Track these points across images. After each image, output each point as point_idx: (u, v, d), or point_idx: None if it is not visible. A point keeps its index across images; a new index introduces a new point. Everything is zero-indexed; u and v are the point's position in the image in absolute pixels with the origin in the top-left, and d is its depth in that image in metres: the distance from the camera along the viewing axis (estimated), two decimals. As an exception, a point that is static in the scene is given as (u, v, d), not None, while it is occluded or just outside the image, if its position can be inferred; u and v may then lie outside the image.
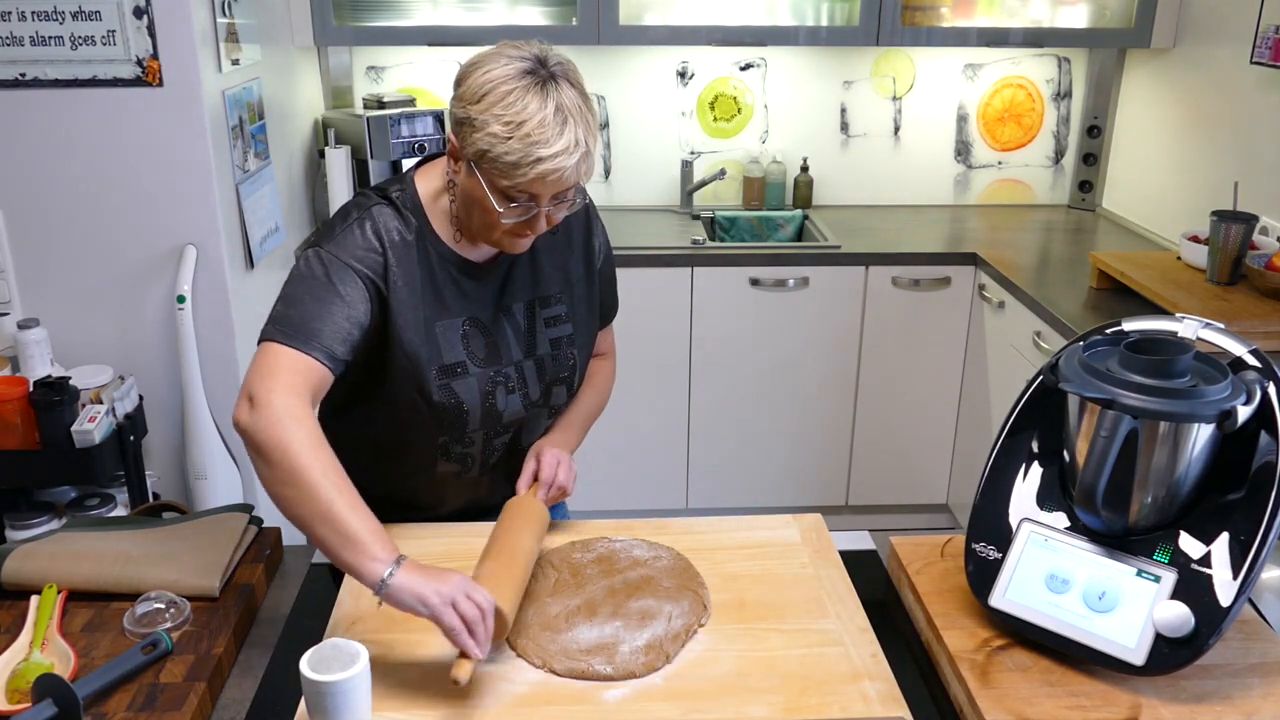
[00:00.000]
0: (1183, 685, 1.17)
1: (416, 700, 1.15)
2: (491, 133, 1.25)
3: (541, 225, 1.33)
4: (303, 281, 1.33)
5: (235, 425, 1.24)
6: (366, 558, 1.15)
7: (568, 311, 1.51)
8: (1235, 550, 1.16)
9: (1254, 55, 2.68)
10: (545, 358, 1.50)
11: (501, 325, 1.46)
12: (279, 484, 1.21)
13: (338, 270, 1.33)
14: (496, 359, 1.46)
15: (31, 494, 2.23)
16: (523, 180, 1.26)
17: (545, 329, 1.50)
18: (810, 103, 3.43)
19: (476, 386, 1.44)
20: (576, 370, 1.54)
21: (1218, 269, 2.42)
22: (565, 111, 1.25)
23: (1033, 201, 3.59)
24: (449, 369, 1.42)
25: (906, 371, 3.13)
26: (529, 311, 1.48)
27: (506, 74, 1.26)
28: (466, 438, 1.47)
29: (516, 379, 1.47)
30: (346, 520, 1.17)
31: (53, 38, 2.19)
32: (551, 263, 1.51)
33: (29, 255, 2.34)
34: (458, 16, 3.11)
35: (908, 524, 3.34)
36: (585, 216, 1.55)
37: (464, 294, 1.43)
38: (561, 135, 1.24)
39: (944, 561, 1.40)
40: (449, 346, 1.42)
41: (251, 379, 1.26)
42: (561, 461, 1.48)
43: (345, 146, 2.97)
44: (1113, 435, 1.15)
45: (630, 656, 1.21)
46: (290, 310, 1.31)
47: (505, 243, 1.37)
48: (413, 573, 1.15)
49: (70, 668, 1.19)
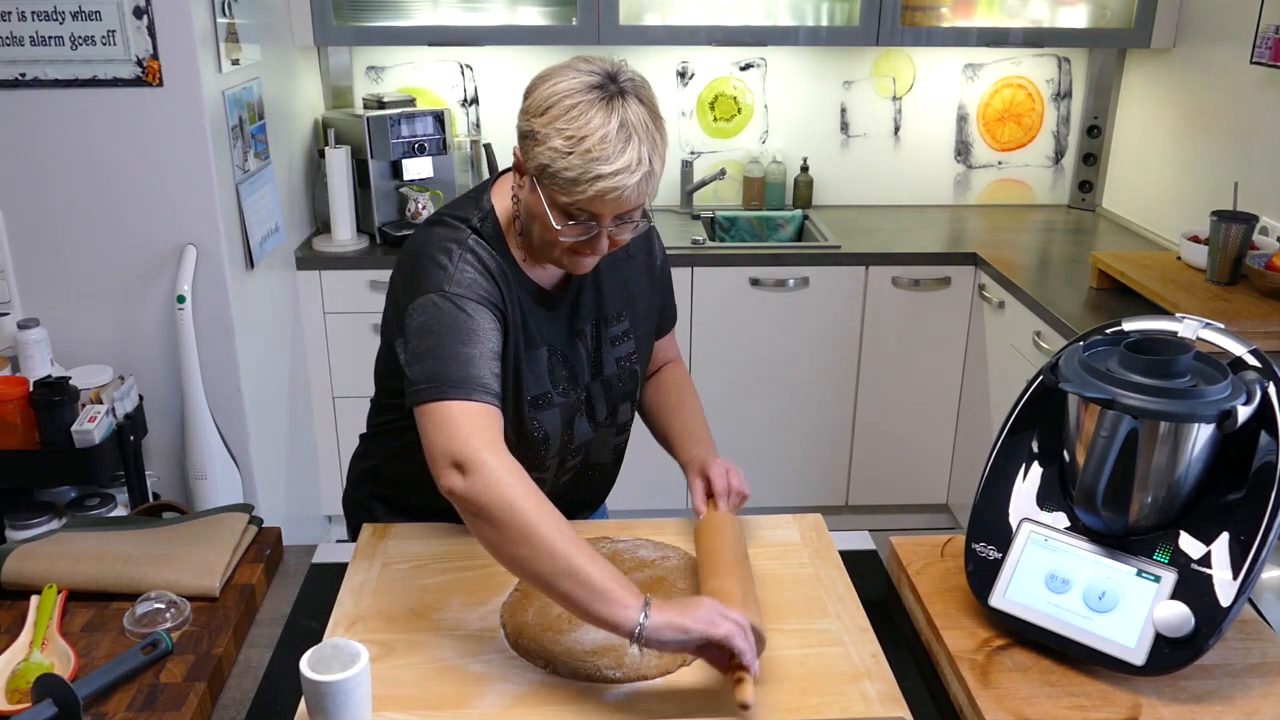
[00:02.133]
0: (1183, 685, 1.17)
1: (416, 700, 1.15)
2: (553, 147, 1.21)
3: (603, 246, 1.29)
4: (441, 330, 1.27)
5: (450, 494, 1.20)
6: (619, 607, 1.11)
7: (630, 329, 1.49)
8: (1235, 550, 1.16)
9: (1254, 55, 2.68)
10: (611, 377, 1.48)
11: (577, 350, 1.44)
12: (511, 545, 1.16)
13: (469, 307, 1.29)
14: (574, 386, 1.44)
15: (31, 494, 2.23)
16: (582, 198, 1.22)
17: (610, 348, 1.47)
18: (810, 103, 3.43)
19: (559, 416, 1.43)
20: (639, 384, 1.52)
21: (1218, 269, 2.42)
22: (630, 128, 1.21)
23: (1033, 201, 3.59)
24: (536, 400, 1.40)
25: (906, 371, 3.13)
26: (595, 332, 1.46)
27: (572, 88, 1.22)
28: (544, 464, 1.46)
29: (588, 402, 1.46)
30: (590, 574, 1.12)
31: (53, 38, 2.19)
32: (614, 279, 1.47)
33: (29, 255, 2.34)
34: (458, 16, 3.11)
35: (908, 524, 3.34)
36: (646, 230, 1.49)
37: (542, 322, 1.40)
38: (624, 153, 1.20)
39: (944, 561, 1.40)
40: (536, 378, 1.40)
41: (446, 445, 1.20)
42: (730, 470, 1.45)
43: (345, 146, 2.97)
44: (1113, 435, 1.15)
45: (642, 659, 1.20)
46: (443, 364, 1.25)
47: (566, 262, 1.33)
48: (665, 610, 1.12)
49: (70, 668, 1.19)
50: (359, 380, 2.95)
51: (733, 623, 1.10)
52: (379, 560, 1.41)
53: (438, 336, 1.27)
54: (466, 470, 1.18)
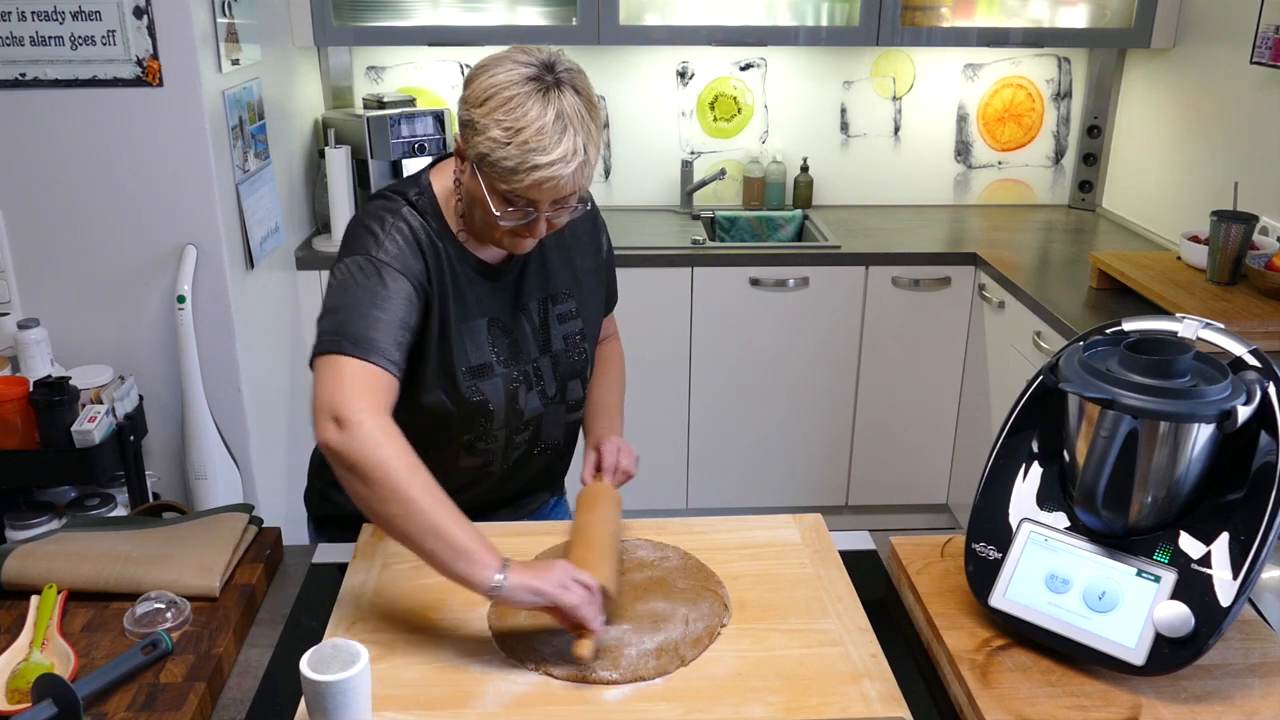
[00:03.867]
0: (1183, 685, 1.17)
1: (416, 700, 1.15)
2: (491, 137, 1.26)
3: (541, 229, 1.34)
4: (356, 289, 1.31)
5: (324, 447, 1.23)
6: (478, 566, 1.17)
7: (577, 307, 1.54)
8: (1235, 550, 1.16)
9: (1254, 55, 2.68)
10: (560, 354, 1.52)
11: (520, 324, 1.48)
12: (379, 502, 1.20)
13: (388, 274, 1.33)
14: (518, 358, 1.48)
15: (31, 494, 2.23)
16: (519, 186, 1.27)
17: (558, 325, 1.52)
18: (810, 103, 3.43)
19: (502, 386, 1.46)
20: (589, 363, 1.57)
21: (1218, 269, 2.42)
22: (565, 119, 1.25)
23: (1033, 201, 3.59)
24: (477, 370, 1.44)
25: (906, 371, 3.13)
26: (542, 309, 1.51)
27: (510, 79, 1.26)
28: (490, 435, 1.49)
29: (535, 376, 1.50)
30: (454, 533, 1.18)
31: (53, 38, 2.19)
32: (560, 259, 1.53)
33: (29, 255, 2.34)
34: (458, 16, 3.11)
35: (908, 524, 3.34)
36: (593, 212, 1.58)
37: (483, 295, 1.45)
38: (560, 143, 1.24)
39: (944, 561, 1.40)
40: (475, 347, 1.44)
41: (330, 398, 1.24)
42: (621, 448, 1.54)
43: (345, 146, 2.97)
44: (1113, 435, 1.15)
45: (639, 660, 1.20)
46: (350, 321, 1.29)
47: (507, 243, 1.38)
48: (520, 572, 1.18)
49: (70, 668, 1.19)
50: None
51: (581, 587, 1.18)
52: (379, 560, 1.41)
53: (352, 295, 1.31)
54: (343, 426, 1.21)
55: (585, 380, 1.58)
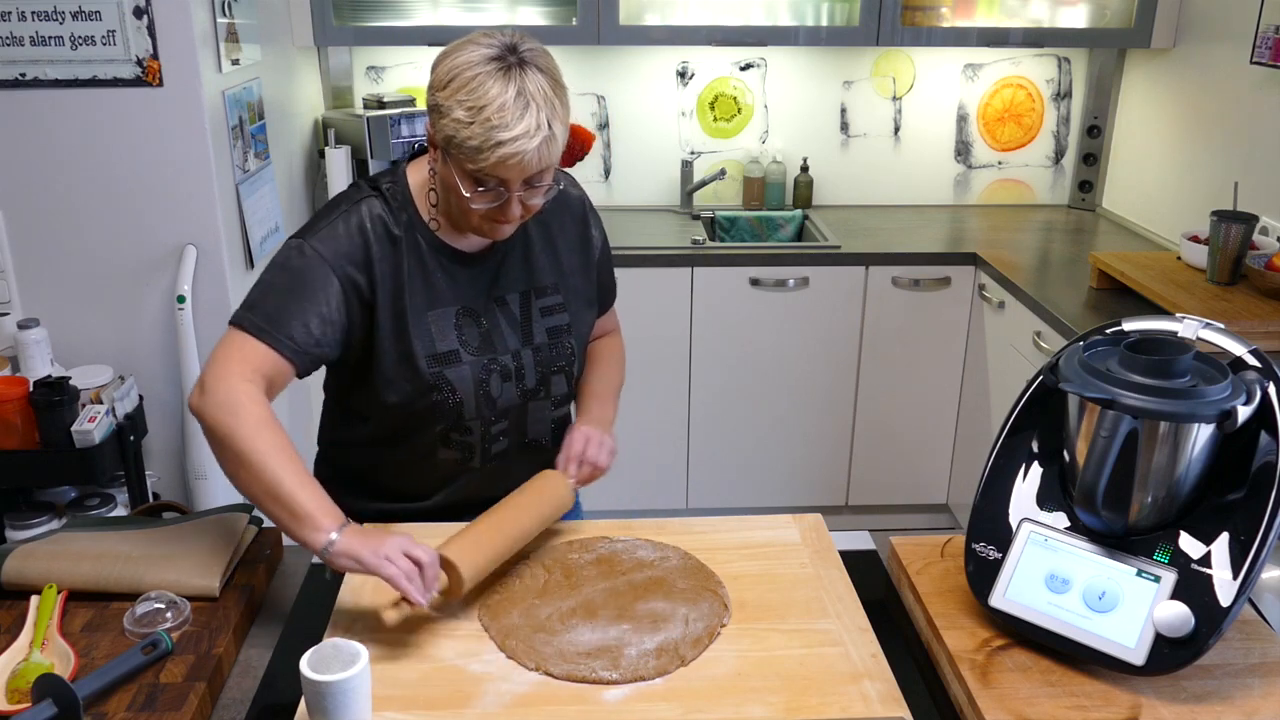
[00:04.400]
0: (1183, 685, 1.17)
1: (416, 700, 1.15)
2: (455, 118, 1.27)
3: (515, 211, 1.34)
4: (281, 271, 1.37)
5: (191, 409, 1.31)
6: (310, 529, 1.23)
7: (563, 302, 1.53)
8: (1235, 550, 1.16)
9: (1254, 55, 2.68)
10: (543, 346, 1.51)
11: (495, 315, 1.48)
12: (229, 465, 1.28)
13: (316, 267, 1.36)
14: (490, 347, 1.47)
15: (31, 494, 2.24)
16: (485, 164, 1.27)
17: (541, 318, 1.51)
18: (810, 103, 3.43)
19: (470, 374, 1.45)
20: (575, 360, 1.55)
21: (1218, 269, 2.42)
22: (527, 96, 1.26)
23: (1033, 201, 3.59)
24: (441, 356, 1.44)
25: (906, 371, 3.13)
26: (524, 302, 1.50)
27: (471, 60, 1.28)
28: (464, 425, 1.48)
29: (514, 368, 1.49)
30: (293, 495, 1.24)
31: (53, 38, 2.19)
32: (546, 255, 1.52)
33: (29, 255, 2.34)
34: (458, 16, 3.11)
35: (908, 524, 3.34)
36: (581, 210, 1.57)
37: (456, 283, 1.45)
38: (522, 119, 1.25)
39: (944, 561, 1.40)
40: (441, 335, 1.44)
41: (208, 364, 1.32)
42: (590, 438, 1.50)
43: (345, 146, 2.97)
44: (1113, 435, 1.15)
45: (639, 660, 1.20)
46: (263, 300, 1.35)
47: (485, 229, 1.38)
48: (352, 537, 1.23)
49: (70, 668, 1.19)
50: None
51: (408, 561, 1.21)
52: (379, 560, 1.41)
53: (275, 275, 1.37)
54: (204, 391, 1.29)
55: (571, 376, 1.56)
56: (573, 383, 1.57)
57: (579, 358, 1.57)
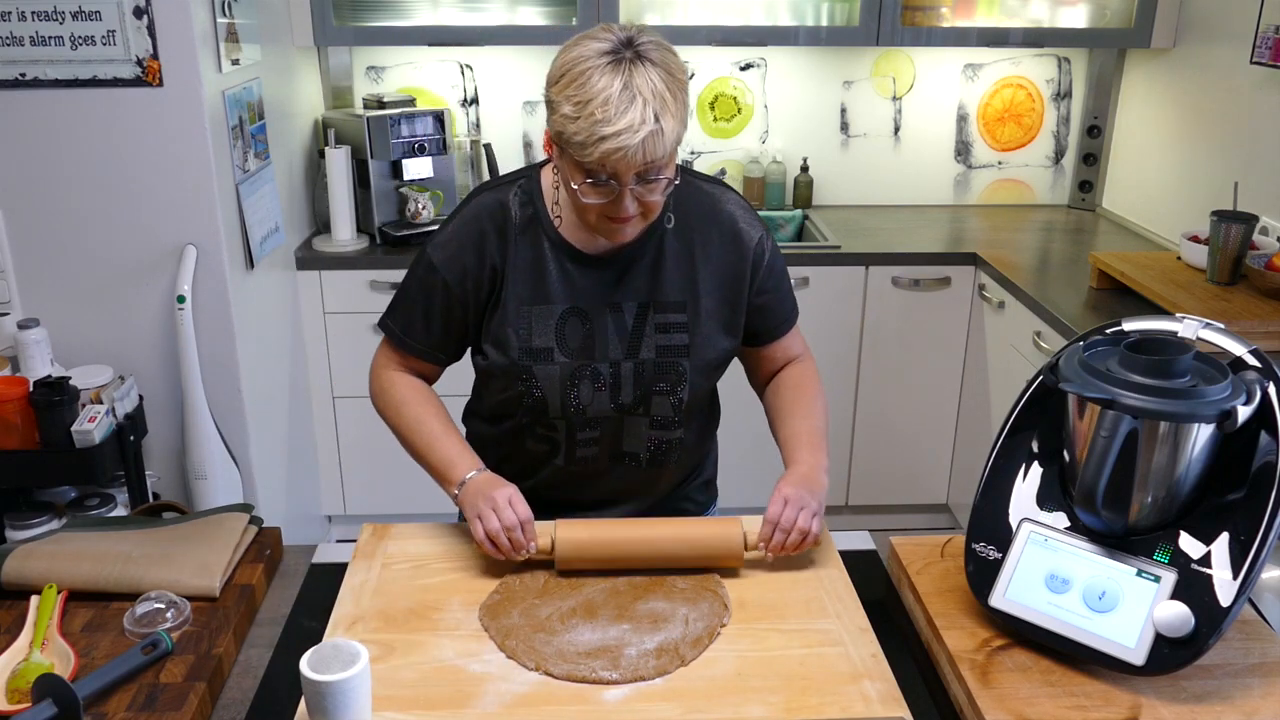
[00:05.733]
0: (1183, 685, 1.17)
1: (416, 700, 1.15)
2: (564, 113, 1.27)
3: (629, 207, 1.31)
4: (410, 278, 1.50)
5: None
6: (444, 478, 1.44)
7: (686, 322, 1.46)
8: (1235, 550, 1.16)
9: (1254, 55, 2.68)
10: (648, 363, 1.45)
11: (605, 320, 1.45)
12: (394, 431, 1.52)
13: (430, 275, 1.46)
14: (589, 353, 1.45)
15: (31, 494, 2.23)
16: (591, 159, 1.26)
17: (655, 334, 1.45)
18: (810, 103, 3.43)
19: (558, 375, 1.44)
20: (686, 384, 1.47)
21: (1218, 269, 2.42)
22: (634, 90, 1.24)
23: (1033, 201, 3.59)
24: (535, 352, 1.44)
25: (906, 371, 3.13)
26: (641, 313, 1.45)
27: (584, 54, 1.27)
28: (548, 423, 1.49)
29: (609, 377, 1.46)
30: (429, 449, 1.46)
31: (53, 38, 2.19)
32: (679, 269, 1.45)
33: (29, 255, 2.34)
34: (458, 16, 3.11)
35: (908, 524, 3.34)
36: (734, 226, 1.48)
37: (571, 282, 1.44)
38: (626, 113, 1.23)
39: (944, 561, 1.40)
40: (540, 331, 1.44)
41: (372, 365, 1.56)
42: (790, 500, 1.36)
43: (345, 146, 2.97)
44: (1113, 435, 1.15)
45: (639, 660, 1.20)
46: (398, 305, 1.51)
47: (603, 228, 1.35)
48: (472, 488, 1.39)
49: (70, 668, 1.19)
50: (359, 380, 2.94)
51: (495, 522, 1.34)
52: (379, 560, 1.41)
53: (408, 283, 1.50)
54: (370, 387, 1.56)
55: (677, 401, 1.47)
56: (680, 408, 1.49)
57: (692, 383, 1.48)
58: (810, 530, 1.36)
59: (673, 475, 1.58)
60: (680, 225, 1.45)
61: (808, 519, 1.36)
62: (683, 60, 1.32)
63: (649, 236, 1.44)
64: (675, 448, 1.53)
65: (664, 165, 1.30)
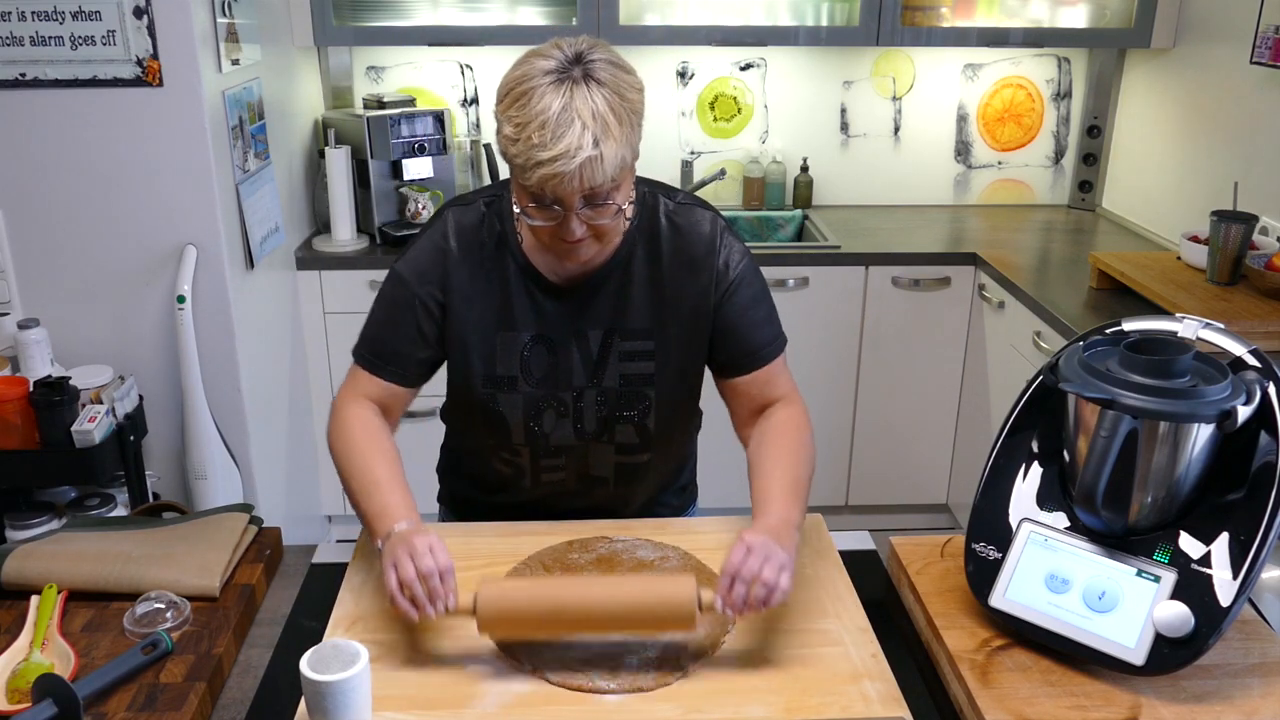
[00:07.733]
0: (1183, 685, 1.17)
1: (416, 700, 1.15)
2: (505, 134, 1.23)
3: (575, 230, 1.26)
4: (379, 300, 1.44)
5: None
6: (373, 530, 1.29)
7: (652, 350, 1.42)
8: (1235, 550, 1.16)
9: (1254, 55, 2.68)
10: (610, 391, 1.42)
11: (570, 349, 1.41)
12: (340, 474, 1.38)
13: (401, 292, 1.41)
14: (554, 382, 1.42)
15: (31, 494, 2.23)
16: (529, 182, 1.22)
17: (620, 362, 1.41)
18: (810, 103, 3.43)
19: (522, 404, 1.42)
20: (651, 413, 1.44)
21: (1218, 269, 2.42)
22: (573, 112, 1.18)
23: (1033, 201, 3.59)
24: (498, 380, 1.41)
25: (906, 371, 3.13)
26: (605, 340, 1.41)
27: (529, 72, 1.22)
28: (512, 448, 1.47)
29: (572, 405, 1.43)
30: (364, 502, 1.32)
31: (53, 38, 2.19)
32: (646, 297, 1.41)
33: (29, 255, 2.34)
34: (458, 16, 3.11)
35: (908, 524, 3.34)
36: (707, 249, 1.41)
37: (538, 310, 1.40)
38: (563, 138, 1.18)
39: (944, 561, 1.40)
40: (505, 359, 1.41)
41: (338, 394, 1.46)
42: (753, 549, 1.17)
43: (345, 146, 2.97)
44: (1113, 435, 1.15)
45: (639, 669, 1.19)
46: (368, 330, 1.44)
47: (556, 249, 1.31)
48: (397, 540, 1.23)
49: (70, 668, 1.19)
50: (359, 380, 2.96)
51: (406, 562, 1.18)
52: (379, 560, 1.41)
53: (376, 307, 1.44)
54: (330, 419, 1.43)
55: (642, 427, 1.44)
56: (648, 437, 1.46)
57: (657, 412, 1.44)
58: (776, 584, 1.15)
59: (645, 492, 1.58)
60: (649, 250, 1.40)
61: (774, 571, 1.16)
62: (639, 79, 1.27)
63: (615, 262, 1.39)
64: (644, 469, 1.52)
65: (612, 190, 1.25)
